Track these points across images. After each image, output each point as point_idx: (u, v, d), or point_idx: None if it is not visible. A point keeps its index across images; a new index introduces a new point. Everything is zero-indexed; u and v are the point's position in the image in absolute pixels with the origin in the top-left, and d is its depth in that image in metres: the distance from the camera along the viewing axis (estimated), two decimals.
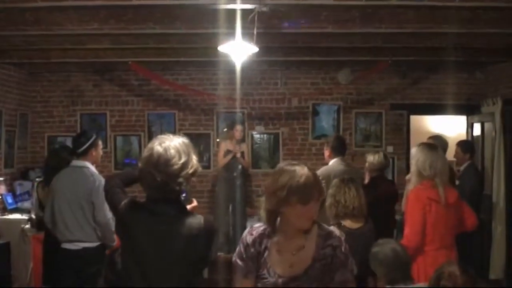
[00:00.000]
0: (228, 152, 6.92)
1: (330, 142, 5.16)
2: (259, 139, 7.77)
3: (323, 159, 5.46)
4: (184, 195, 2.49)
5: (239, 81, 7.01)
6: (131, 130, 7.71)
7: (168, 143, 2.31)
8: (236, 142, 6.99)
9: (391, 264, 3.00)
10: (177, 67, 7.47)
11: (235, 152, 6.92)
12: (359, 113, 7.72)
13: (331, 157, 5.09)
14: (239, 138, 7.01)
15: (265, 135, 7.76)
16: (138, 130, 7.70)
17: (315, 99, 7.70)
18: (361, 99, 7.71)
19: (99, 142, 4.27)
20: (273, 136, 7.75)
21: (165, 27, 4.72)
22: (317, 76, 7.71)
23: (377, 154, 5.30)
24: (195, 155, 2.38)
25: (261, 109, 7.72)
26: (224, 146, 7.01)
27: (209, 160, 7.66)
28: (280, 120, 7.72)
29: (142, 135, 7.67)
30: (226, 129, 7.32)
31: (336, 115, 7.71)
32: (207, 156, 7.66)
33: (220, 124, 7.69)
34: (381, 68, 6.77)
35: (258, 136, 7.77)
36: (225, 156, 6.93)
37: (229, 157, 6.91)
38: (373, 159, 5.23)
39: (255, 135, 7.75)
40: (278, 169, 2.27)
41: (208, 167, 7.59)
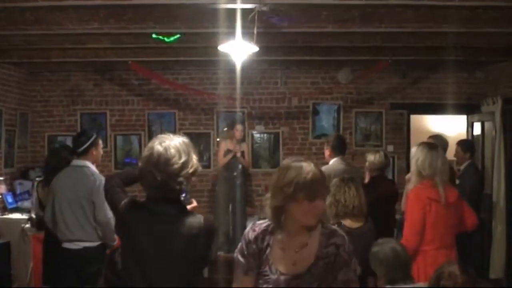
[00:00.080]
0: (228, 151, 6.92)
1: (330, 142, 5.17)
2: (259, 138, 7.77)
3: (323, 159, 5.46)
4: (184, 195, 2.49)
5: (239, 80, 7.01)
6: (131, 129, 7.71)
7: (168, 142, 2.31)
8: (236, 142, 6.99)
9: (391, 264, 3.00)
10: (177, 66, 7.47)
11: (235, 151, 6.92)
12: (359, 112, 7.72)
13: (331, 156, 5.09)
14: (239, 138, 7.01)
15: (265, 135, 7.76)
16: (138, 129, 7.70)
17: (315, 99, 7.70)
18: (361, 98, 7.71)
19: (100, 141, 4.27)
20: (273, 136, 7.75)
21: (165, 26, 4.72)
22: (317, 76, 7.71)
23: (377, 153, 5.30)
24: (195, 154, 2.38)
25: (261, 108, 7.72)
26: (224, 146, 7.00)
27: (209, 160, 7.66)
28: (280, 120, 7.72)
29: (142, 134, 7.67)
30: (226, 128, 7.32)
31: (336, 114, 7.71)
32: (207, 155, 7.66)
33: (220, 123, 7.69)
34: (381, 67, 6.77)
35: (258, 135, 7.76)
36: (225, 155, 6.93)
37: (229, 156, 6.90)
38: (373, 158, 5.23)
39: (255, 134, 7.75)
40: (284, 165, 2.23)
41: (208, 166, 7.60)
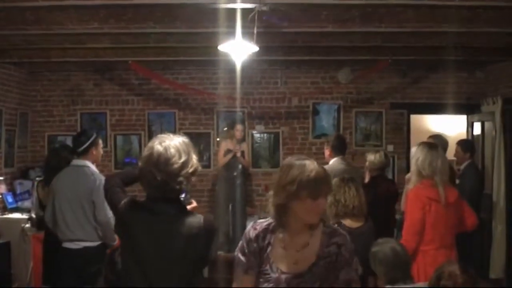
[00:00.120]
0: (228, 151, 6.92)
1: (330, 141, 5.16)
2: (259, 138, 7.77)
3: (323, 159, 5.45)
4: (184, 195, 2.49)
5: (239, 80, 7.01)
6: (131, 129, 7.71)
7: (168, 142, 2.31)
8: (236, 142, 6.99)
9: (391, 264, 3.00)
10: (177, 66, 7.46)
11: (235, 151, 6.91)
12: (359, 112, 7.72)
13: (331, 156, 5.09)
14: (239, 138, 7.01)
15: (265, 135, 7.76)
16: (138, 129, 7.70)
17: (315, 98, 7.70)
18: (361, 98, 7.70)
19: (100, 141, 4.26)
20: (273, 136, 7.74)
21: (165, 26, 4.72)
22: (317, 75, 7.71)
23: (377, 153, 5.30)
24: (195, 154, 2.38)
25: (261, 108, 7.72)
26: (224, 145, 7.01)
27: (209, 160, 7.66)
28: (280, 120, 7.72)
29: (142, 134, 7.66)
30: (226, 128, 7.32)
31: (336, 114, 7.71)
32: (207, 155, 7.66)
33: (220, 123, 7.69)
34: (381, 67, 6.77)
35: (258, 135, 7.76)
36: (225, 155, 6.93)
37: (229, 156, 6.90)
38: (373, 158, 5.23)
39: (255, 134, 7.75)
40: (287, 163, 2.22)
41: (208, 166, 7.59)
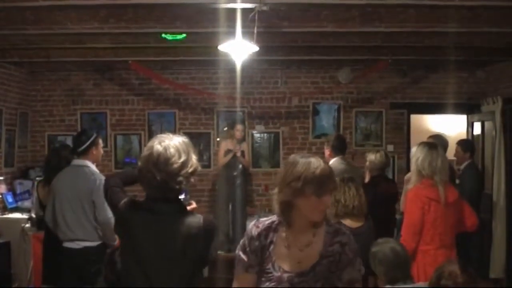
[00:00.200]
0: (229, 151, 6.92)
1: (331, 141, 5.17)
2: (259, 138, 7.77)
3: (323, 158, 5.45)
4: (184, 195, 2.49)
5: (239, 80, 7.02)
6: (131, 129, 7.70)
7: (168, 142, 2.31)
8: (236, 141, 6.98)
9: (391, 263, 3.00)
10: (177, 66, 7.46)
11: (236, 151, 6.91)
12: (359, 112, 7.72)
13: (331, 156, 5.09)
14: (239, 137, 7.00)
15: (266, 134, 7.76)
16: (138, 129, 7.70)
17: (315, 98, 7.69)
18: (361, 98, 7.70)
19: (100, 141, 4.26)
20: (273, 135, 7.74)
21: (165, 26, 4.72)
22: (317, 75, 7.70)
23: (378, 153, 5.29)
24: (195, 154, 2.38)
25: (261, 108, 7.72)
26: (224, 145, 7.01)
27: (209, 159, 7.66)
28: (281, 119, 7.72)
29: (142, 134, 7.66)
30: (227, 128, 7.32)
31: (336, 114, 7.71)
32: (207, 155, 7.66)
33: (220, 123, 7.69)
34: (381, 67, 6.77)
35: (258, 135, 7.76)
36: (225, 155, 6.92)
37: (230, 156, 6.90)
38: (374, 158, 5.22)
39: (255, 134, 7.75)
40: (292, 160, 2.21)
41: (208, 166, 7.59)
